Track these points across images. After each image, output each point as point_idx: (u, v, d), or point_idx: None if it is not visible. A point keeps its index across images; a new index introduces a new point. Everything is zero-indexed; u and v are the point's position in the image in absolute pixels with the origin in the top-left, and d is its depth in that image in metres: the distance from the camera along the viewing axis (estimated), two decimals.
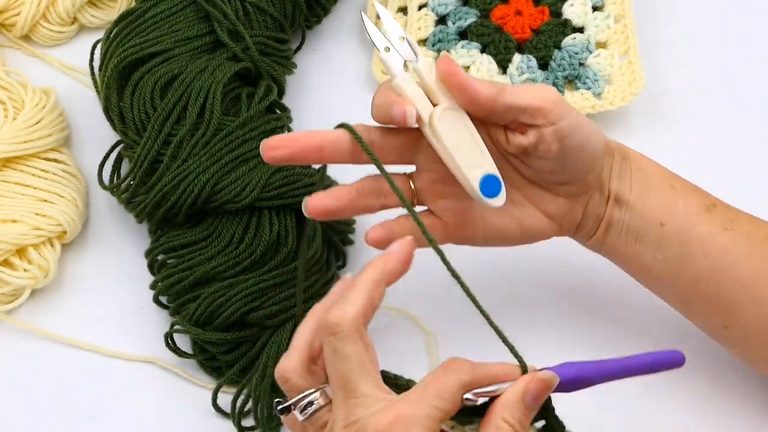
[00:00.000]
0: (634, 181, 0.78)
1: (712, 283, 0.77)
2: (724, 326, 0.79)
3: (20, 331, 0.90)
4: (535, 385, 0.65)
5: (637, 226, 0.78)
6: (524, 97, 0.73)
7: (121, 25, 0.93)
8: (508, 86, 0.74)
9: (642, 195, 0.78)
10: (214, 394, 0.86)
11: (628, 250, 0.79)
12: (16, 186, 0.91)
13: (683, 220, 0.77)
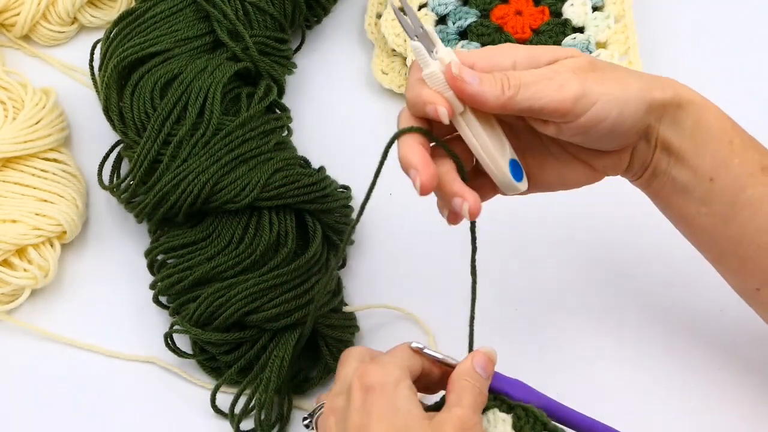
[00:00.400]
0: (688, 132, 0.74)
1: (753, 245, 0.75)
2: (757, 288, 0.77)
3: (20, 331, 0.90)
4: (479, 357, 0.74)
5: (685, 178, 0.75)
6: (539, 99, 0.70)
7: (121, 25, 0.93)
8: (524, 79, 0.70)
9: (695, 147, 0.74)
10: (212, 394, 0.86)
11: (672, 198, 0.76)
12: (16, 186, 0.91)
13: (735, 179, 0.74)
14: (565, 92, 0.70)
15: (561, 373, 0.86)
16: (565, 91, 0.70)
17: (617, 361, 0.87)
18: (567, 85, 0.70)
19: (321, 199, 0.88)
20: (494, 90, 0.70)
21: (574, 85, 0.70)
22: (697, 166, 0.74)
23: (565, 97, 0.70)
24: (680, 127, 0.74)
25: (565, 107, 0.70)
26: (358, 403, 0.69)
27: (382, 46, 1.00)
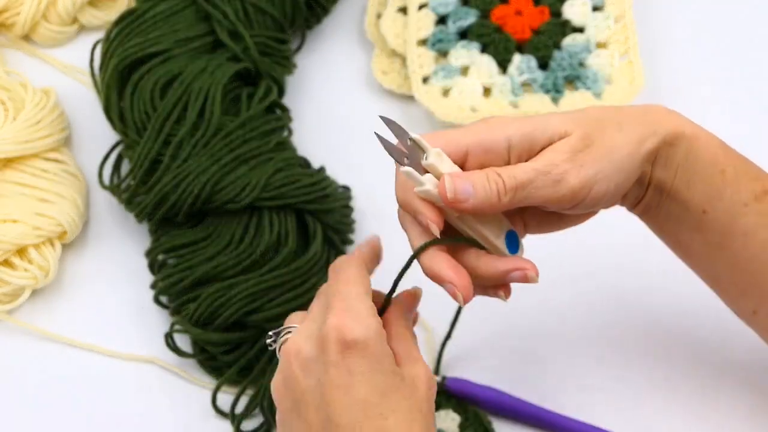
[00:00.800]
0: (679, 168, 0.74)
1: (748, 272, 0.75)
2: (753, 311, 0.77)
3: (20, 331, 0.90)
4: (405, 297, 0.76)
5: (678, 210, 0.75)
6: (537, 198, 0.70)
7: (121, 25, 0.93)
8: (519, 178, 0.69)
9: (686, 181, 0.74)
10: (213, 394, 0.86)
11: (666, 226, 0.77)
12: (16, 186, 0.91)
13: (727, 210, 0.74)
14: (563, 188, 0.70)
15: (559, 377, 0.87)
16: (562, 187, 0.70)
17: (616, 370, 0.88)
18: (564, 180, 0.70)
19: (321, 199, 0.88)
20: (491, 198, 0.69)
21: (572, 180, 0.70)
22: (689, 200, 0.74)
23: (564, 195, 0.70)
24: (671, 164, 0.74)
25: (565, 202, 0.70)
26: (335, 358, 0.68)
27: (382, 46, 1.01)
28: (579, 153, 0.70)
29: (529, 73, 0.97)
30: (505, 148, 0.71)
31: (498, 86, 0.97)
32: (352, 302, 0.70)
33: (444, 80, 0.97)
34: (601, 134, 0.71)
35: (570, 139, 0.70)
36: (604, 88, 0.97)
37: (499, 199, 0.69)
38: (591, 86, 0.96)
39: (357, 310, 0.70)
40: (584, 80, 0.97)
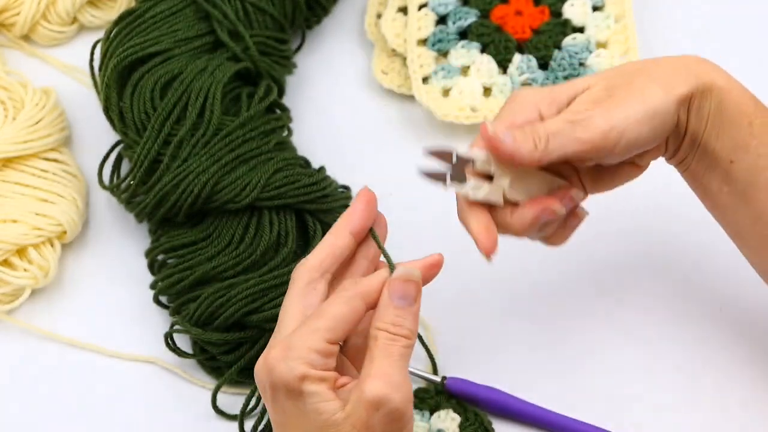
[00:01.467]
0: (711, 118, 0.75)
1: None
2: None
3: (20, 331, 0.90)
4: (394, 285, 0.68)
5: (708, 159, 0.76)
6: (570, 145, 0.71)
7: (121, 25, 0.93)
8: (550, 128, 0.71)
9: (716, 131, 0.75)
10: (213, 394, 0.86)
11: (698, 174, 0.78)
12: (16, 186, 0.91)
13: (753, 161, 0.75)
14: (592, 132, 0.71)
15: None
16: (591, 131, 0.71)
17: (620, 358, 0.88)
18: (591, 124, 0.71)
19: (321, 199, 0.88)
20: (527, 145, 0.70)
21: (599, 122, 0.71)
22: (718, 150, 0.75)
23: (593, 137, 0.71)
24: (703, 113, 0.75)
25: (597, 145, 0.71)
26: (270, 394, 0.67)
27: (382, 46, 1.00)
28: (603, 101, 0.72)
29: (529, 72, 0.97)
30: (537, 116, 0.72)
31: (498, 86, 0.97)
32: (297, 339, 0.67)
33: (444, 80, 0.97)
34: (627, 83, 0.73)
35: (591, 90, 0.73)
36: None
37: (535, 146, 0.70)
38: None
39: (294, 348, 0.66)
40: None
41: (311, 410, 0.66)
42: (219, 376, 0.87)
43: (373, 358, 0.67)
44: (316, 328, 0.67)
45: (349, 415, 0.66)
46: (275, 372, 0.66)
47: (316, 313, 0.68)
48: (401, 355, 0.67)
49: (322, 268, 0.71)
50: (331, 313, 0.67)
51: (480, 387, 0.85)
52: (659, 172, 0.79)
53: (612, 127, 0.71)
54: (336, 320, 0.67)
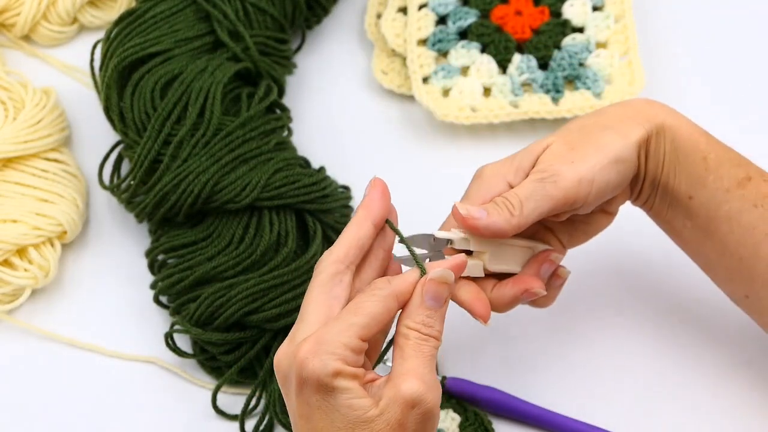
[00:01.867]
0: (666, 158, 0.77)
1: (736, 257, 0.77)
2: (745, 296, 0.79)
3: (20, 331, 0.90)
4: (429, 286, 0.69)
5: (668, 197, 0.78)
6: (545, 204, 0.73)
7: (121, 25, 0.93)
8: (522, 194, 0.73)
9: (672, 169, 0.77)
10: (213, 395, 0.86)
11: (661, 213, 0.80)
12: (16, 186, 0.91)
13: (711, 196, 0.77)
14: (563, 186, 0.73)
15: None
16: (562, 185, 0.73)
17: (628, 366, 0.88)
18: (561, 179, 0.74)
19: (321, 199, 0.88)
20: (503, 215, 0.72)
21: (568, 175, 0.74)
22: (676, 188, 0.78)
23: (566, 191, 0.73)
24: (658, 154, 0.77)
25: (570, 198, 0.74)
26: (296, 389, 0.67)
27: (382, 46, 1.01)
28: (565, 155, 0.74)
29: (529, 72, 0.97)
30: (505, 187, 0.75)
31: (498, 86, 0.97)
32: (331, 333, 0.67)
33: (444, 80, 0.97)
34: (586, 135, 0.76)
35: (552, 148, 0.75)
36: (604, 88, 0.97)
37: (511, 214, 0.72)
38: (591, 86, 0.96)
39: (326, 342, 0.66)
40: (584, 80, 0.97)
41: (344, 406, 0.66)
42: (219, 376, 0.87)
43: (405, 357, 0.67)
44: (351, 324, 0.67)
45: (383, 412, 0.66)
46: (307, 366, 0.66)
47: (352, 308, 0.68)
48: (432, 356, 0.68)
49: (347, 260, 0.70)
50: (368, 310, 0.67)
51: (480, 387, 0.85)
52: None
53: (581, 177, 0.74)
54: (371, 318, 0.67)
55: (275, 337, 0.85)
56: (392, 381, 0.66)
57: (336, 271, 0.70)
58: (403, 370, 0.67)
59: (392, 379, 0.67)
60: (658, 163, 0.77)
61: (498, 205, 0.73)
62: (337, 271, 0.70)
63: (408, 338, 0.68)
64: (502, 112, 0.96)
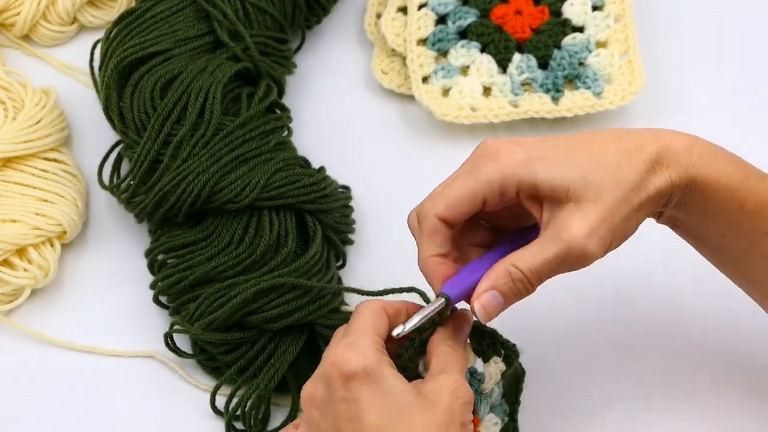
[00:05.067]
0: (695, 209, 0.73)
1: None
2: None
3: (19, 332, 0.90)
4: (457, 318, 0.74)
5: (694, 235, 0.76)
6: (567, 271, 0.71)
7: (121, 25, 0.93)
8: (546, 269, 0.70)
9: (702, 217, 0.73)
10: (212, 395, 0.86)
11: (687, 240, 0.77)
12: (16, 186, 0.91)
13: (746, 238, 0.73)
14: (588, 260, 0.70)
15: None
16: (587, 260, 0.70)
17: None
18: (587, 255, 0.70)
19: (321, 199, 0.88)
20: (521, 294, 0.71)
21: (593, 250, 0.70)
22: (705, 230, 0.74)
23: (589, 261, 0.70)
24: (684, 205, 0.73)
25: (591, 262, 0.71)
26: (341, 393, 0.68)
27: (382, 46, 1.01)
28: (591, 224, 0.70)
29: (529, 72, 0.97)
30: (516, 188, 0.71)
31: (498, 85, 0.97)
32: (353, 338, 0.70)
33: (444, 80, 0.97)
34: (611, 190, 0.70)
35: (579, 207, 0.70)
36: (604, 87, 0.97)
37: (528, 291, 0.71)
38: (591, 85, 0.96)
39: (355, 343, 0.69)
40: (584, 79, 0.97)
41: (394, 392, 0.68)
42: (218, 376, 0.87)
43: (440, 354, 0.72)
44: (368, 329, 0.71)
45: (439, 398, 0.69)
46: (350, 362, 0.68)
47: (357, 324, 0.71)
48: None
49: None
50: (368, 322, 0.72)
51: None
52: None
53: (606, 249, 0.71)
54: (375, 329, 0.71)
55: (273, 338, 0.85)
56: (433, 375, 0.70)
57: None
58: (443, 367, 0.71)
59: (434, 373, 0.70)
60: (683, 211, 0.73)
61: (513, 282, 0.70)
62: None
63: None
64: (502, 112, 0.96)
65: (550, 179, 0.70)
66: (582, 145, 0.72)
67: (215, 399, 0.86)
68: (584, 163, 0.70)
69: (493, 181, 0.71)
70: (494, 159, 0.71)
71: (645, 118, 0.98)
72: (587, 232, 0.69)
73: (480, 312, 0.71)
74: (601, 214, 0.70)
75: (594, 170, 0.70)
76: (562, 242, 0.69)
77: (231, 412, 0.85)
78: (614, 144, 0.72)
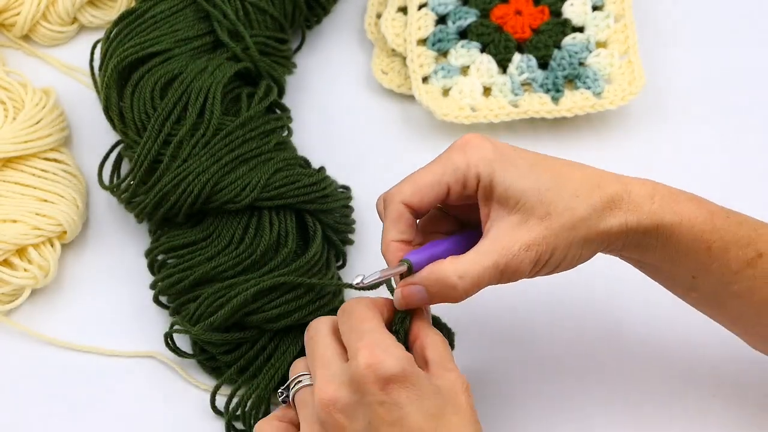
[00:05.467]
0: (660, 252, 0.73)
1: (752, 321, 0.76)
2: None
3: (18, 332, 0.90)
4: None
5: (664, 276, 0.76)
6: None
7: (121, 25, 0.93)
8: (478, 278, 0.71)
9: (670, 260, 0.74)
10: (212, 395, 0.86)
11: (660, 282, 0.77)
12: (16, 186, 0.91)
13: (717, 279, 0.74)
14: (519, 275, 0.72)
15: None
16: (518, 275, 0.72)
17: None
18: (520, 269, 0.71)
19: (321, 199, 0.88)
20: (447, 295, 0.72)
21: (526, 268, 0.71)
22: (675, 273, 0.75)
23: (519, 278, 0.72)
24: (649, 248, 0.73)
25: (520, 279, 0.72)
26: (380, 397, 0.68)
27: (382, 46, 1.01)
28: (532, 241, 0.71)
29: (529, 72, 0.97)
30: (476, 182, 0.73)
31: (498, 86, 0.97)
32: (375, 337, 0.70)
33: (444, 80, 0.97)
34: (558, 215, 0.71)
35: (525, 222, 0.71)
36: (604, 87, 0.97)
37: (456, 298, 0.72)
38: (591, 85, 0.96)
39: (382, 343, 0.69)
40: (584, 80, 0.97)
41: (431, 391, 0.69)
42: (218, 376, 0.87)
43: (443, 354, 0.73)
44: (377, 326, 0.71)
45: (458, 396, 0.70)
46: (385, 365, 0.68)
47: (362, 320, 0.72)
48: None
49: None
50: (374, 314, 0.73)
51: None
52: None
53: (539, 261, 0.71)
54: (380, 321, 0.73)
55: (273, 338, 0.85)
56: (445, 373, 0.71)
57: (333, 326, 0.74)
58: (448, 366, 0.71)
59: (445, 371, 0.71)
60: (648, 254, 0.73)
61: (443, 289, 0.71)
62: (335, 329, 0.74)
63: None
64: (502, 112, 0.96)
65: (506, 183, 0.71)
66: (548, 163, 0.73)
67: (215, 399, 0.86)
68: (544, 179, 0.72)
69: (457, 170, 0.73)
70: (463, 150, 0.73)
71: (645, 118, 0.98)
72: (527, 245, 0.71)
73: (398, 300, 0.72)
74: (543, 233, 0.71)
75: (551, 189, 0.71)
76: (498, 256, 0.71)
77: (231, 412, 0.85)
78: (579, 173, 0.73)
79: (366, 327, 0.71)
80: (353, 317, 0.72)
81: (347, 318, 0.72)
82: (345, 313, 0.73)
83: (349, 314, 0.73)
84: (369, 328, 0.71)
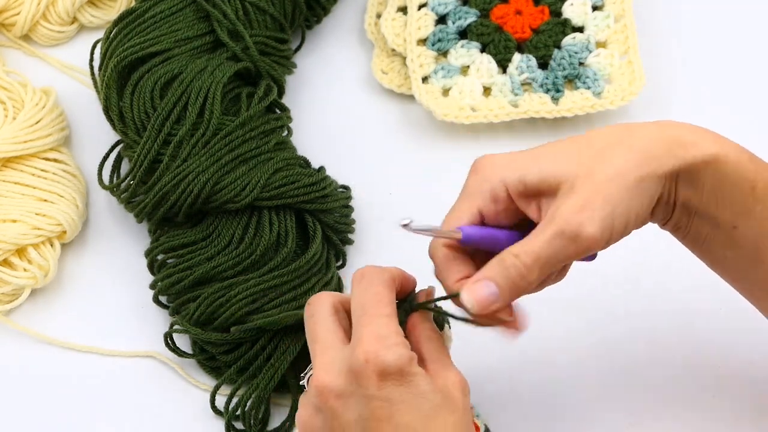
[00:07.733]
0: (708, 189, 0.71)
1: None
2: None
3: (19, 332, 0.90)
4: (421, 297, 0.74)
5: (708, 227, 0.73)
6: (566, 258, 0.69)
7: (120, 24, 0.93)
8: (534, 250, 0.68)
9: (715, 200, 0.71)
10: (212, 395, 0.86)
11: (697, 241, 0.74)
12: (16, 186, 0.91)
13: (759, 225, 0.71)
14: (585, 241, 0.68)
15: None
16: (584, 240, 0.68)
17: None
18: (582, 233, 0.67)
19: (321, 199, 0.88)
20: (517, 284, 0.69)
21: (590, 229, 0.67)
22: (718, 216, 0.72)
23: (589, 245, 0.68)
24: (698, 184, 0.71)
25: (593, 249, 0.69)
26: (373, 391, 0.67)
27: (382, 46, 1.01)
28: (585, 199, 0.68)
29: (529, 72, 0.97)
30: (505, 191, 0.71)
31: (498, 85, 0.97)
32: (382, 327, 0.68)
33: (444, 80, 0.97)
34: (604, 165, 0.69)
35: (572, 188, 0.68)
36: (604, 87, 0.97)
37: (525, 280, 0.68)
38: (591, 86, 0.96)
39: (387, 337, 0.68)
40: (584, 79, 0.97)
41: (428, 390, 0.68)
42: (218, 376, 0.87)
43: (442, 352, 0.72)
44: (384, 315, 0.69)
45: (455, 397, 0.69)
46: (386, 359, 0.67)
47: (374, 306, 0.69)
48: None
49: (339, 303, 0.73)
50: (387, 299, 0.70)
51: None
52: None
53: (604, 228, 0.68)
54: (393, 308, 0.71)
55: (273, 338, 0.85)
56: (443, 371, 0.70)
57: (334, 304, 0.72)
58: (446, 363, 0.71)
59: (443, 369, 0.70)
60: (696, 192, 0.71)
61: (507, 269, 0.68)
62: (336, 307, 0.72)
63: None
64: (502, 112, 0.96)
65: (538, 172, 0.69)
66: (564, 143, 0.71)
67: (215, 399, 0.86)
68: (570, 150, 0.70)
69: (483, 191, 0.71)
70: (477, 172, 0.72)
71: (645, 119, 0.98)
72: (580, 207, 0.67)
73: (470, 302, 0.69)
74: (594, 186, 0.68)
75: (581, 153, 0.69)
76: (554, 224, 0.67)
77: (231, 412, 0.85)
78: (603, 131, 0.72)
79: (377, 312, 0.69)
80: (369, 292, 0.70)
81: (363, 290, 0.70)
82: (363, 281, 0.71)
83: (366, 286, 0.70)
84: (380, 313, 0.69)
